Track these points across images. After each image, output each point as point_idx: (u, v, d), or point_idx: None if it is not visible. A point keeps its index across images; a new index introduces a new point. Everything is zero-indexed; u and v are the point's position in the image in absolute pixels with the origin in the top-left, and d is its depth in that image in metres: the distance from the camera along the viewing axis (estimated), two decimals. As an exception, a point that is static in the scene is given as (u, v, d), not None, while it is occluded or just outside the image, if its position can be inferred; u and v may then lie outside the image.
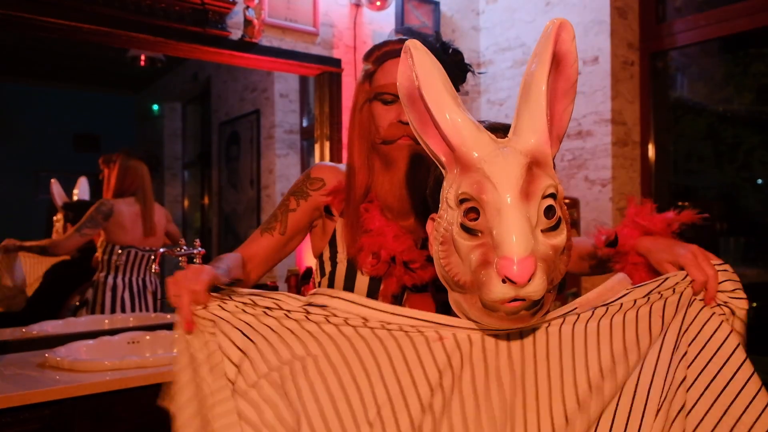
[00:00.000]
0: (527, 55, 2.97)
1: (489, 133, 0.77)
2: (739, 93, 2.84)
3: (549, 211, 0.73)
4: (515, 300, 0.71)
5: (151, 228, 2.53)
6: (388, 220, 1.24)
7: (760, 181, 2.79)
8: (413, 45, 0.78)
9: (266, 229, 1.29)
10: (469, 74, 1.34)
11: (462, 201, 0.75)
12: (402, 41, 1.29)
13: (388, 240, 1.22)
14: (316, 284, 1.36)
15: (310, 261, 2.75)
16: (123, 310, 2.45)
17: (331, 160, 2.65)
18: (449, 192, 0.78)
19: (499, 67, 3.10)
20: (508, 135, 0.78)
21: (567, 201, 2.61)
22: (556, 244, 0.74)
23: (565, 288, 2.53)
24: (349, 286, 1.28)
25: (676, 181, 2.77)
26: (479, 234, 0.74)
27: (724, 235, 2.81)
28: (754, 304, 2.67)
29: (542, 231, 0.73)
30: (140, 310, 2.50)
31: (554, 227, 0.74)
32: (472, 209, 0.74)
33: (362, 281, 1.26)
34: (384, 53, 1.26)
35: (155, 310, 2.54)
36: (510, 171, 0.72)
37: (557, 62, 0.75)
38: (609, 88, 2.55)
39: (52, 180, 2.58)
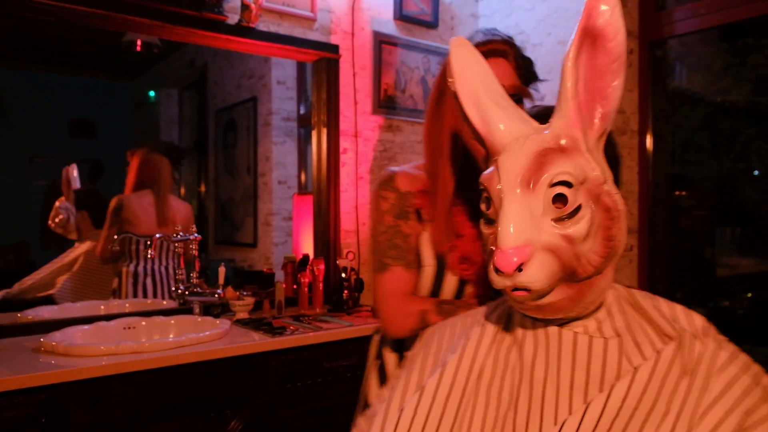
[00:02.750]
0: (526, 43, 2.96)
1: (529, 122, 0.77)
2: (737, 84, 2.84)
3: (559, 199, 0.71)
4: (518, 289, 0.71)
5: (164, 219, 2.58)
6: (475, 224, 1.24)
7: (756, 172, 2.80)
8: (454, 42, 0.80)
9: (407, 264, 1.25)
10: None
11: (481, 191, 0.77)
12: (506, 42, 1.27)
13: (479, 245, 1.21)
14: None
15: (307, 248, 2.75)
16: (145, 297, 2.52)
17: (328, 147, 2.64)
18: None
19: (497, 55, 3.08)
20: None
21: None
22: (570, 233, 0.71)
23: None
24: (436, 287, 1.27)
25: (672, 171, 2.77)
26: (494, 223, 0.75)
27: (720, 225, 2.81)
28: (749, 295, 2.68)
29: (553, 220, 0.71)
30: (162, 297, 2.55)
31: (569, 216, 0.71)
32: (487, 199, 0.76)
33: (451, 282, 1.25)
34: (488, 51, 1.23)
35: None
36: (516, 160, 0.72)
37: (594, 38, 0.71)
38: (608, 76, 2.54)
39: (72, 165, 2.58)
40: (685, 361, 0.73)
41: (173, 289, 2.33)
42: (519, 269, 0.69)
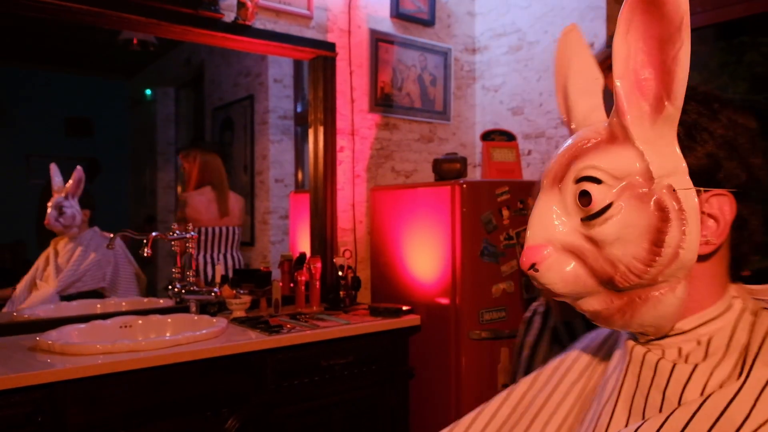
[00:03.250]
0: (522, 41, 2.96)
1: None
2: (734, 82, 2.84)
3: (583, 197, 0.65)
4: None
5: (224, 210, 2.90)
6: None
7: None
8: (565, 30, 0.75)
9: None
10: (464, 59, 1.34)
11: None
12: None
13: None
14: None
15: (304, 246, 2.75)
16: (206, 283, 2.66)
17: (325, 145, 2.64)
18: None
19: (494, 53, 3.08)
20: None
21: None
22: (594, 235, 0.63)
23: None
24: None
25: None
26: None
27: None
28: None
29: (582, 219, 0.65)
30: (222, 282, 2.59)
31: (596, 215, 0.63)
32: None
33: None
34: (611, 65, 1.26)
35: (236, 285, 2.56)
36: (556, 155, 0.69)
37: (648, 4, 0.61)
38: (604, 74, 2.55)
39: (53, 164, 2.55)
40: (754, 409, 0.60)
41: (170, 287, 2.32)
42: (534, 269, 0.66)
